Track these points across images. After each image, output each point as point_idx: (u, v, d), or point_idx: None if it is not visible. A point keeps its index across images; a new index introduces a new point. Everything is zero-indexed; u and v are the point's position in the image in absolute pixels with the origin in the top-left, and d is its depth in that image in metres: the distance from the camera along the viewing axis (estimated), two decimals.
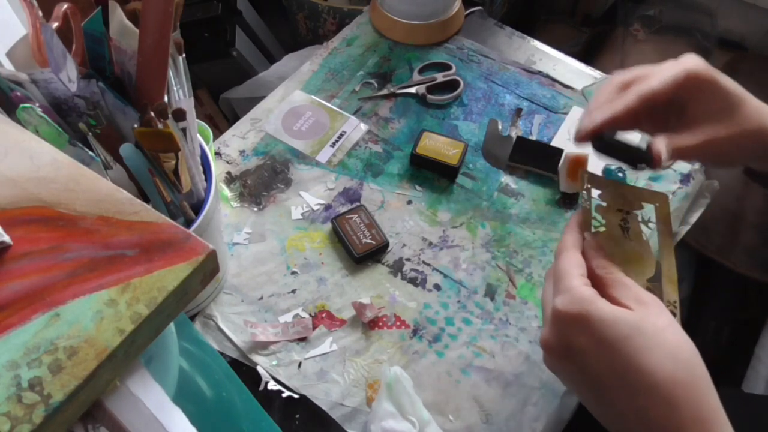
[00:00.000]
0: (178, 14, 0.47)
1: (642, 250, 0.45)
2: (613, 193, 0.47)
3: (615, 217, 0.46)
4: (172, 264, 0.34)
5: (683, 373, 0.34)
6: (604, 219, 0.46)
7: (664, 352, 0.34)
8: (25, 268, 0.33)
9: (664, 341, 0.34)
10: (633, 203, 0.47)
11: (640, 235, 0.46)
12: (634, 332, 0.34)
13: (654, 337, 0.34)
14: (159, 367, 0.38)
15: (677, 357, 0.34)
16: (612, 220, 0.46)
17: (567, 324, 0.37)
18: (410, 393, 0.54)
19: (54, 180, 0.37)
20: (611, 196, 0.47)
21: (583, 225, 0.45)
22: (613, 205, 0.46)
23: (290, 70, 0.86)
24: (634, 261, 0.44)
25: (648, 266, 0.44)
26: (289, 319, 0.63)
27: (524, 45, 0.89)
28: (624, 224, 0.46)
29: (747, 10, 1.10)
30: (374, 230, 0.67)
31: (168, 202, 0.49)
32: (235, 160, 0.74)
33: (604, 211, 0.46)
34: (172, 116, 0.47)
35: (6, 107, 0.44)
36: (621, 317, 0.35)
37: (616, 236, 0.45)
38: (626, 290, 0.38)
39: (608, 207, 0.46)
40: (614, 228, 0.45)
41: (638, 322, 0.35)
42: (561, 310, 0.37)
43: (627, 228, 0.46)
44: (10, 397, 0.29)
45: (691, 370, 0.34)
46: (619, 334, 0.34)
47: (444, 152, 0.72)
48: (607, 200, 0.47)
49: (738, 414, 0.65)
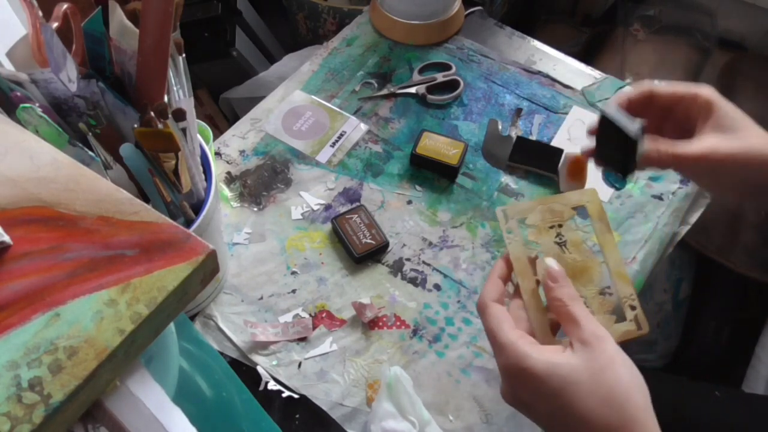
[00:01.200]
0: (178, 14, 0.47)
1: (584, 258, 0.44)
2: (540, 211, 0.45)
3: (548, 235, 0.44)
4: (172, 264, 0.34)
5: (615, 418, 0.35)
6: (539, 242, 0.44)
7: (596, 400, 0.35)
8: (25, 268, 0.33)
9: (598, 387, 0.35)
10: (563, 213, 0.45)
11: (579, 244, 0.44)
12: (567, 383, 0.36)
13: (588, 383, 0.36)
14: (159, 367, 0.38)
15: (610, 402, 0.35)
16: (546, 241, 0.44)
17: (511, 379, 0.39)
18: (410, 393, 0.54)
19: (54, 180, 0.37)
20: (539, 216, 0.45)
21: (519, 263, 0.43)
22: (543, 225, 0.45)
23: (290, 70, 0.86)
24: (579, 273, 0.43)
25: (595, 273, 0.44)
26: (289, 319, 0.63)
27: (524, 45, 0.89)
28: (560, 240, 0.44)
29: (747, 10, 1.10)
30: (374, 230, 0.67)
31: (168, 202, 0.49)
32: (235, 160, 0.74)
33: (537, 235, 0.45)
34: (172, 116, 0.47)
35: (6, 107, 0.44)
36: (554, 371, 0.36)
37: (554, 255, 0.43)
38: (574, 328, 0.38)
39: (539, 228, 0.45)
40: (551, 248, 0.44)
41: (571, 372, 0.36)
42: (501, 368, 0.39)
43: (564, 242, 0.44)
44: (10, 397, 0.29)
45: (623, 413, 0.35)
46: (554, 388, 0.36)
47: (444, 152, 0.72)
48: (535, 222, 0.45)
49: (738, 414, 0.65)
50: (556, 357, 0.37)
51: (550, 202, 0.45)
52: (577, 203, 0.46)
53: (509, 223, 0.44)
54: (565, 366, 0.36)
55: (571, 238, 0.44)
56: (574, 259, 0.44)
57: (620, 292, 0.43)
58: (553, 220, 0.45)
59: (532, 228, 0.45)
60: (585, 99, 0.82)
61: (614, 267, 0.44)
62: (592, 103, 0.81)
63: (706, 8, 1.11)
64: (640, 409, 0.35)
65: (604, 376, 0.36)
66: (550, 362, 0.37)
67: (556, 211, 0.45)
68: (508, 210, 0.45)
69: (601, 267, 0.44)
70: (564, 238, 0.44)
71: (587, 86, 0.83)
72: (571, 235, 0.44)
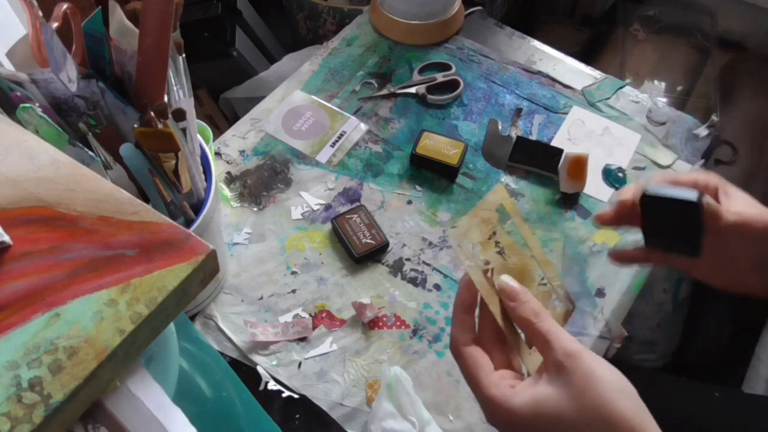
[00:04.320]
0: (178, 14, 0.47)
1: (521, 259, 0.43)
2: (477, 225, 0.44)
3: (491, 248, 0.43)
4: (172, 264, 0.33)
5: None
6: (488, 259, 0.43)
7: (584, 425, 0.35)
8: (25, 268, 0.33)
9: (583, 412, 0.35)
10: (491, 219, 0.44)
11: (512, 245, 0.43)
12: (554, 419, 0.36)
13: (572, 411, 0.35)
14: (159, 367, 0.38)
15: (597, 423, 0.35)
16: (491, 255, 0.43)
17: (500, 426, 0.39)
18: (410, 393, 0.54)
19: (54, 180, 0.37)
20: (476, 232, 0.43)
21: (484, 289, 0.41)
22: (482, 238, 0.43)
23: (290, 70, 0.86)
24: (521, 275, 0.43)
25: (532, 269, 0.43)
26: (289, 319, 0.63)
27: (524, 45, 0.89)
28: (499, 248, 0.43)
29: (747, 10, 1.10)
30: (374, 230, 0.67)
31: (168, 202, 0.49)
32: (235, 160, 0.74)
33: (484, 252, 0.43)
34: (172, 116, 0.47)
35: (6, 107, 0.44)
36: (538, 411, 0.36)
37: (500, 265, 0.43)
38: (545, 348, 0.38)
39: (483, 244, 0.43)
40: (496, 259, 0.43)
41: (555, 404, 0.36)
42: (491, 423, 0.39)
43: (502, 249, 0.43)
44: (10, 397, 0.29)
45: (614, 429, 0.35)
46: (544, 425, 0.36)
47: (444, 152, 0.72)
48: (477, 239, 0.43)
49: (738, 414, 0.65)
50: (537, 393, 0.37)
51: (479, 213, 0.44)
52: (493, 205, 0.44)
53: (464, 247, 0.43)
54: (547, 400, 0.36)
55: (506, 243, 0.43)
56: (515, 263, 0.43)
57: (551, 280, 0.43)
58: (488, 229, 0.44)
59: (478, 245, 0.43)
60: (585, 99, 0.82)
61: (539, 256, 0.44)
62: (592, 103, 0.81)
63: (706, 8, 1.11)
64: (630, 418, 0.35)
65: (586, 399, 0.35)
66: (532, 401, 0.36)
67: (486, 219, 0.44)
68: (455, 235, 0.43)
69: (532, 261, 0.44)
70: (501, 245, 0.43)
71: (587, 86, 0.83)
72: (505, 239, 0.44)
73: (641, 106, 0.81)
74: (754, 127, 1.02)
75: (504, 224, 0.44)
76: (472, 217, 0.43)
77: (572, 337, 0.38)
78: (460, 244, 0.42)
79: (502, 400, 0.37)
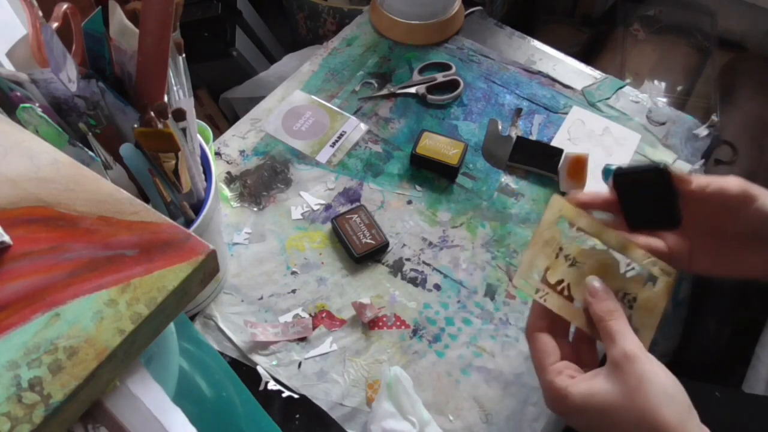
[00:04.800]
0: (178, 14, 0.47)
1: (596, 258, 0.44)
2: (540, 254, 0.44)
3: (560, 265, 0.44)
4: (172, 264, 0.34)
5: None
6: (561, 277, 0.44)
7: (630, 425, 0.37)
8: (25, 268, 0.33)
9: (630, 411, 0.37)
10: (554, 237, 0.44)
11: (583, 251, 0.44)
12: (603, 412, 0.38)
13: (620, 409, 0.38)
14: (159, 367, 0.38)
15: (642, 425, 0.37)
16: (563, 270, 0.44)
17: (558, 412, 0.42)
18: (410, 393, 0.54)
19: (54, 180, 0.37)
20: (541, 258, 0.44)
21: (564, 310, 0.43)
22: (549, 261, 0.44)
23: (290, 70, 0.86)
24: (602, 273, 0.43)
25: (612, 261, 0.44)
26: (289, 319, 0.63)
27: (524, 45, 0.89)
28: (569, 260, 0.44)
29: (747, 10, 1.10)
30: (374, 230, 0.67)
31: (168, 202, 0.49)
32: (235, 160, 0.74)
33: (552, 273, 0.44)
34: (172, 116, 0.47)
35: (6, 107, 0.44)
36: (589, 402, 0.39)
37: (576, 276, 0.43)
38: (609, 345, 0.40)
39: (551, 266, 0.44)
40: (569, 273, 0.44)
41: (605, 399, 0.38)
42: (549, 406, 0.42)
43: (573, 260, 0.44)
44: (10, 397, 0.29)
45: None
46: (592, 418, 0.39)
47: (444, 152, 0.72)
48: (544, 265, 0.44)
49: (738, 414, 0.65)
50: (592, 386, 0.39)
51: (538, 240, 0.44)
52: (555, 218, 0.45)
53: (532, 282, 0.44)
54: (599, 394, 0.38)
55: (576, 252, 0.44)
56: (591, 265, 0.44)
57: (638, 260, 0.43)
58: (552, 249, 0.44)
59: (542, 271, 0.44)
60: (585, 99, 0.82)
61: (616, 244, 0.44)
62: (592, 103, 0.81)
63: (706, 8, 1.11)
64: (673, 425, 0.36)
65: (635, 401, 0.37)
66: (586, 393, 0.39)
67: (548, 240, 0.44)
68: (516, 278, 0.44)
69: (608, 254, 0.44)
70: (571, 256, 0.44)
71: (587, 86, 0.83)
72: (574, 248, 0.44)
73: (641, 106, 0.81)
74: (754, 127, 1.02)
75: (569, 234, 0.44)
76: (532, 247, 0.44)
77: (637, 340, 0.40)
78: (524, 281, 0.43)
79: (560, 387, 0.40)
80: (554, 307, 0.43)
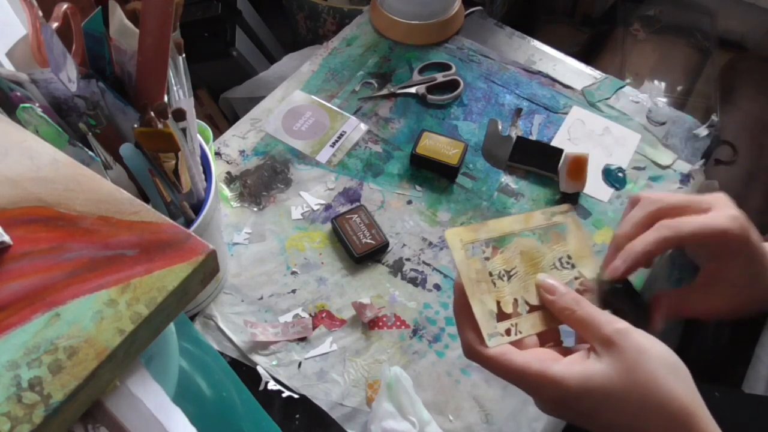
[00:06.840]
0: (178, 14, 0.47)
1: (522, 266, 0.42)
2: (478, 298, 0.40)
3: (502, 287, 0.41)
4: (172, 264, 0.33)
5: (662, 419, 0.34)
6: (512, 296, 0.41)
7: (635, 406, 0.34)
8: (25, 268, 0.33)
9: (633, 391, 0.34)
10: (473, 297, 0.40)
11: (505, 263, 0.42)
12: (603, 397, 0.35)
13: (622, 390, 0.34)
14: (159, 367, 0.38)
15: (649, 403, 0.34)
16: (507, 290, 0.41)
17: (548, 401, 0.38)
18: (410, 393, 0.54)
19: (54, 180, 0.37)
20: (488, 298, 0.41)
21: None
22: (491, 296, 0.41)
23: (290, 70, 0.86)
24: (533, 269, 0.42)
25: (528, 242, 0.42)
26: (289, 319, 0.63)
27: (524, 45, 0.89)
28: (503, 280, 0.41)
29: (747, 10, 1.10)
30: (374, 230, 0.67)
31: (168, 202, 0.49)
32: (235, 160, 0.74)
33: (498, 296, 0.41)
34: (172, 116, 0.47)
35: (6, 107, 0.44)
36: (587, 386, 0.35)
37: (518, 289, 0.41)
38: (592, 329, 0.37)
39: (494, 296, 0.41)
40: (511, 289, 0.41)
41: (603, 381, 0.35)
42: (537, 403, 0.38)
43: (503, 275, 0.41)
44: (10, 397, 0.29)
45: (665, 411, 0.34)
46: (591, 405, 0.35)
47: (444, 152, 0.72)
48: (491, 305, 0.40)
49: (738, 414, 0.65)
50: (586, 367, 0.35)
51: (470, 287, 0.40)
52: (463, 250, 0.42)
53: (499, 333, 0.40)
54: (595, 375, 0.34)
55: (500, 263, 0.42)
56: (520, 262, 0.42)
57: (540, 223, 0.43)
58: (487, 283, 0.41)
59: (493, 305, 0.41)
60: (585, 99, 0.82)
61: (518, 227, 0.43)
62: (592, 103, 0.81)
63: (706, 8, 1.11)
64: (683, 399, 0.33)
65: (638, 375, 0.34)
66: (582, 375, 0.35)
67: (477, 277, 0.41)
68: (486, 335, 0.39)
69: (521, 236, 0.43)
70: (502, 272, 0.42)
71: (587, 86, 0.83)
72: (496, 262, 0.42)
73: (641, 106, 0.81)
74: (754, 127, 1.02)
75: (483, 255, 0.42)
76: (472, 300, 0.40)
77: (618, 318, 0.37)
78: (493, 338, 0.39)
79: (546, 373, 0.35)
80: (531, 330, 0.40)
